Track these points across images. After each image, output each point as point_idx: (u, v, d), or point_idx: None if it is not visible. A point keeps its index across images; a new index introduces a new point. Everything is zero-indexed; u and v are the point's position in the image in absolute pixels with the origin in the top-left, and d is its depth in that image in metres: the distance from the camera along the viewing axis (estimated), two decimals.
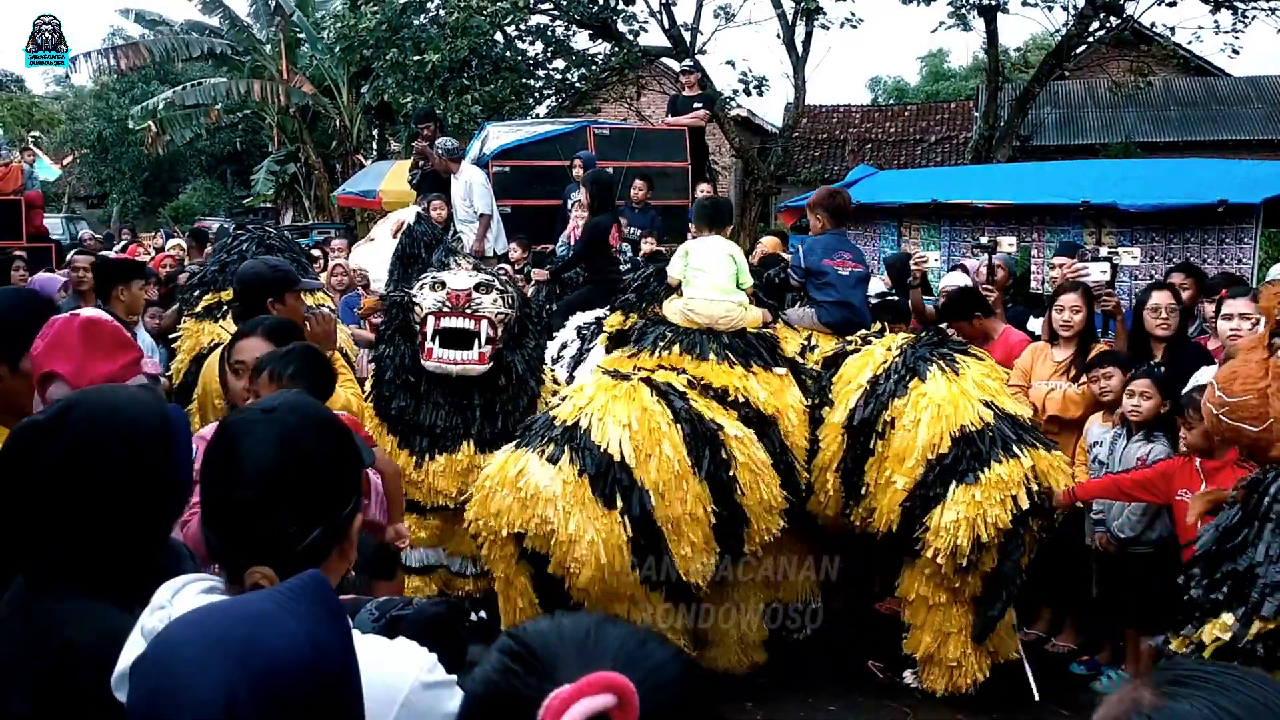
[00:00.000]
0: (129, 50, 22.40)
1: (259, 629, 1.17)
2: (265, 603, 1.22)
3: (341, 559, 1.52)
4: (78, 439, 1.60)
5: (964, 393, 4.36)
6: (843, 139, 24.64)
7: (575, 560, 3.92)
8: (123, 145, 31.07)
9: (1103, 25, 16.21)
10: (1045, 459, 4.30)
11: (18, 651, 1.54)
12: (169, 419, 1.71)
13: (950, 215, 8.37)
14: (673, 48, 16.94)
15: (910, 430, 4.33)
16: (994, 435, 4.25)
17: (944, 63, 39.19)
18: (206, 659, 1.15)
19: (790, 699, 4.72)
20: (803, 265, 5.05)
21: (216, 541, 1.48)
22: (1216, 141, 20.73)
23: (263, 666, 1.14)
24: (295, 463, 1.48)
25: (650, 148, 10.48)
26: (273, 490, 1.45)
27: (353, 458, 1.58)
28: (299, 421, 1.51)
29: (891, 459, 4.39)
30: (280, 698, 1.15)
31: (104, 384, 2.02)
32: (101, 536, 1.59)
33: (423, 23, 15.98)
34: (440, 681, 1.44)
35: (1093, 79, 21.54)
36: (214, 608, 1.25)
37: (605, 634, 0.95)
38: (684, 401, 4.32)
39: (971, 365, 4.52)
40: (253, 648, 1.15)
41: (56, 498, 1.58)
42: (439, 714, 1.42)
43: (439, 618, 1.68)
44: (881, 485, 4.43)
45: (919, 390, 4.38)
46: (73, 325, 2.46)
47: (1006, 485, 4.16)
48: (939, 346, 4.63)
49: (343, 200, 17.55)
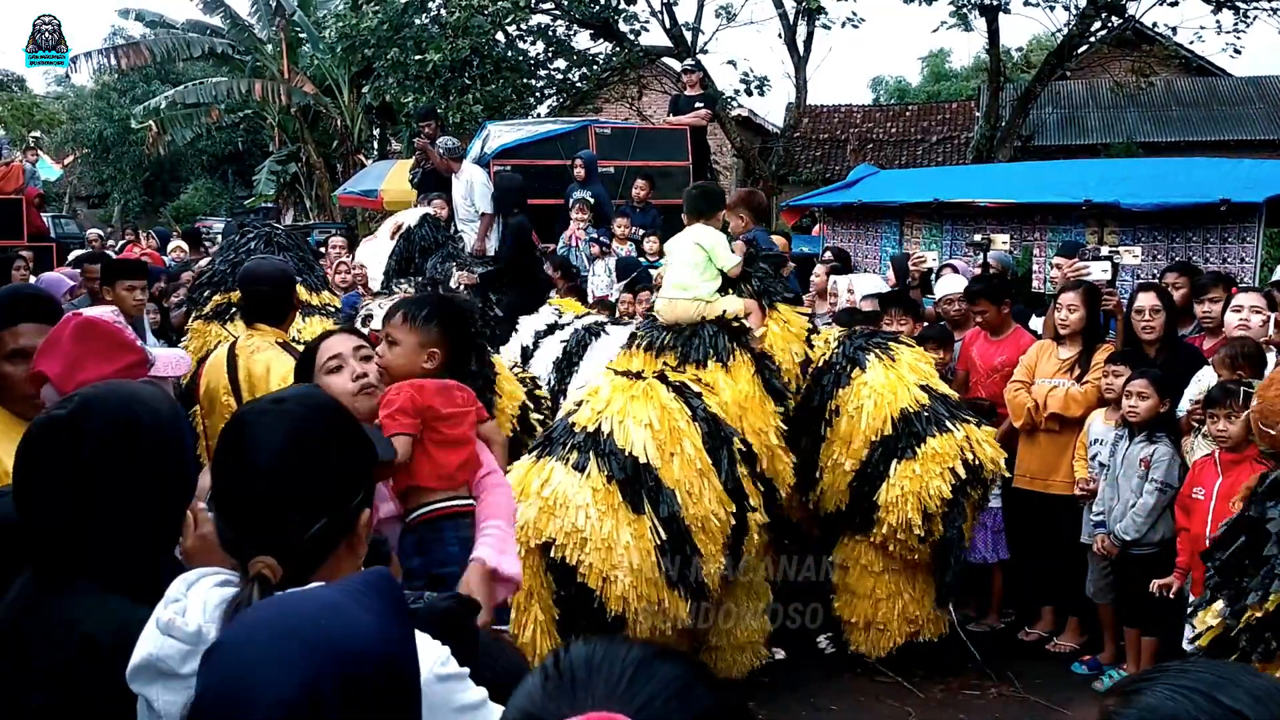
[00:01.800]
0: (130, 50, 22.41)
1: (335, 621, 1.18)
2: (337, 594, 1.23)
3: (350, 553, 1.52)
4: (94, 433, 1.61)
5: (901, 378, 4.68)
6: (844, 139, 24.61)
7: (612, 566, 3.91)
8: (124, 145, 31.07)
9: (1104, 25, 16.21)
10: (977, 433, 4.59)
11: (35, 647, 1.55)
12: (180, 413, 1.72)
13: (952, 214, 8.36)
14: (674, 47, 16.94)
15: (855, 416, 4.63)
16: (929, 414, 4.55)
17: (945, 63, 39.16)
18: (285, 650, 1.15)
19: (791, 699, 4.73)
20: None
21: (228, 533, 1.49)
22: (1218, 141, 20.71)
23: (342, 657, 1.15)
24: (300, 454, 1.48)
25: (652, 147, 10.48)
26: (277, 481, 1.46)
27: (363, 451, 1.58)
28: (307, 413, 1.52)
29: (839, 443, 4.68)
30: (359, 688, 1.16)
31: (119, 380, 2.01)
32: (116, 530, 1.60)
33: (424, 22, 15.98)
34: (453, 674, 1.45)
35: (1094, 79, 21.54)
36: (285, 599, 1.26)
37: (654, 670, 0.89)
38: (700, 400, 4.34)
39: (904, 352, 4.85)
40: (331, 639, 1.16)
41: (73, 492, 1.59)
42: (453, 706, 1.42)
43: (450, 612, 1.68)
44: (830, 468, 4.71)
45: (860, 379, 4.68)
46: (66, 326, 2.43)
47: (943, 458, 4.46)
48: (873, 338, 4.94)
49: (344, 200, 17.55)
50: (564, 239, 8.96)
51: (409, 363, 2.75)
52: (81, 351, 2.36)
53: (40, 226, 12.15)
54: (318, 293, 5.94)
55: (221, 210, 30.81)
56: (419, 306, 2.79)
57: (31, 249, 10.38)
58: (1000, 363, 5.53)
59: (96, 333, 2.42)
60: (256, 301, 3.86)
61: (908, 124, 25.66)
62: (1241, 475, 3.86)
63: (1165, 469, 4.58)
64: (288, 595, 1.27)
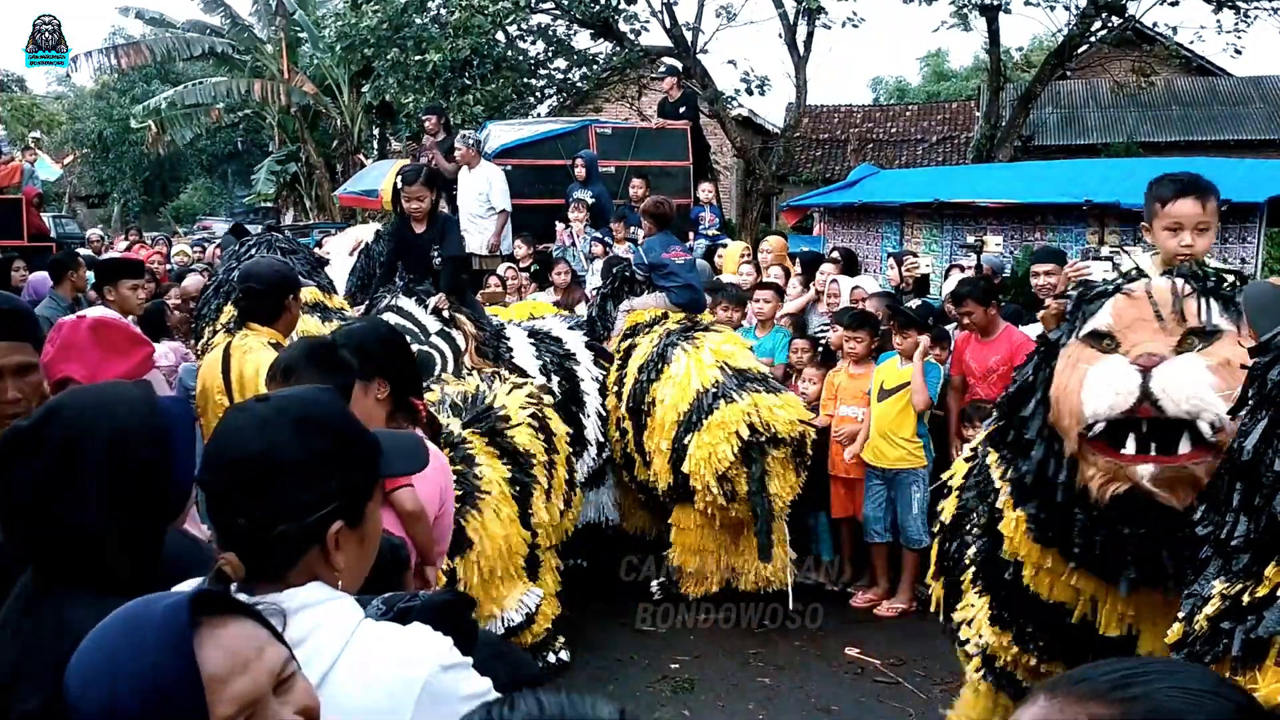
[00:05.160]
0: (130, 49, 22.37)
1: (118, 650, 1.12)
2: (121, 621, 1.15)
3: (327, 566, 1.47)
4: (63, 439, 1.60)
5: (700, 362, 5.44)
6: (844, 139, 24.60)
7: None
8: (124, 145, 31.08)
9: (1105, 25, 16.17)
10: (766, 399, 5.23)
11: (30, 649, 1.54)
12: (160, 414, 1.69)
13: (953, 214, 8.35)
14: (674, 47, 16.89)
15: (663, 404, 5.44)
16: (718, 390, 5.26)
17: (944, 63, 39.17)
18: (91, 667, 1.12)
19: (792, 698, 4.72)
20: (646, 262, 6.07)
21: (210, 527, 1.49)
22: (1219, 141, 20.71)
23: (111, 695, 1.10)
24: (259, 456, 1.44)
25: (652, 147, 10.46)
26: (230, 479, 1.44)
27: (346, 464, 1.52)
28: (280, 417, 1.48)
29: (657, 430, 5.47)
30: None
31: (95, 383, 1.99)
32: (98, 534, 1.58)
33: (424, 22, 15.94)
34: (457, 663, 1.45)
35: (1095, 79, 21.50)
36: (123, 615, 1.17)
37: None
38: None
39: (710, 339, 5.64)
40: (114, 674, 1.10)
41: (49, 498, 1.58)
42: (458, 696, 1.41)
43: (448, 604, 1.67)
44: (655, 453, 5.50)
45: (667, 373, 5.50)
46: (81, 327, 2.41)
47: (726, 425, 5.13)
48: (686, 331, 5.73)
49: (344, 200, 17.51)
50: (559, 238, 8.96)
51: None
52: (103, 350, 2.39)
53: (40, 226, 12.14)
54: (332, 295, 5.94)
55: (221, 210, 30.84)
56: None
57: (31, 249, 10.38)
58: (995, 363, 5.52)
59: (112, 330, 2.44)
60: (249, 298, 3.83)
61: (908, 124, 25.65)
62: None
63: None
64: (126, 610, 1.17)
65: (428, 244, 5.69)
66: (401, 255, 5.87)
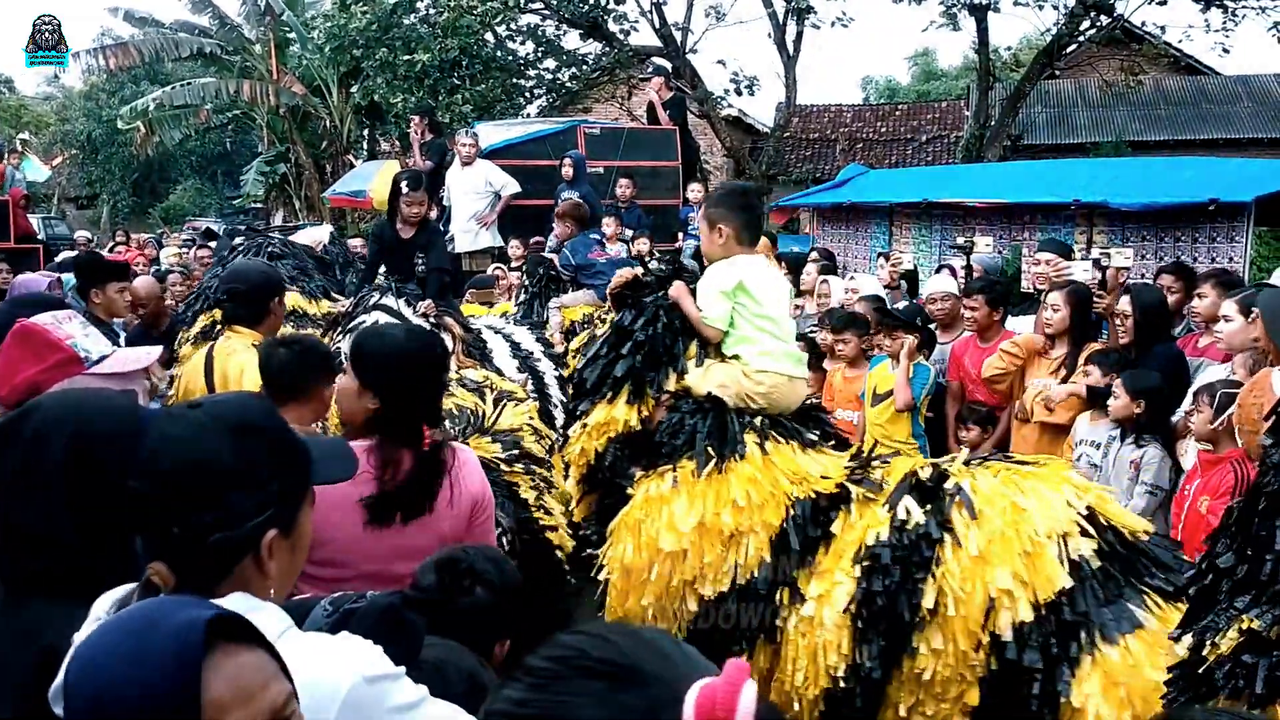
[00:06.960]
0: (118, 50, 22.27)
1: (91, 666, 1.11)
2: (110, 635, 1.13)
3: (259, 574, 1.44)
4: (33, 436, 1.59)
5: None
6: (834, 138, 24.61)
7: None
8: (112, 146, 30.97)
9: (1093, 24, 16.25)
10: None
11: (2, 657, 1.52)
12: (138, 420, 1.67)
13: (942, 214, 8.35)
14: (664, 47, 16.91)
15: None
16: None
17: (934, 62, 39.27)
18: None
19: None
20: (573, 264, 6.38)
21: None
22: (1207, 140, 20.78)
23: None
24: (186, 462, 1.41)
25: (641, 147, 10.46)
26: (167, 487, 1.40)
27: (282, 472, 1.49)
28: (217, 425, 1.45)
29: None
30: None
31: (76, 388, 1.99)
32: (60, 534, 1.57)
33: (413, 22, 15.95)
34: (385, 675, 1.41)
35: (1083, 78, 21.60)
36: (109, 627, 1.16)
37: (666, 638, 0.92)
38: None
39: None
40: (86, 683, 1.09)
41: (18, 500, 1.57)
42: (384, 708, 1.38)
43: (391, 608, 1.63)
44: None
45: None
46: (8, 334, 2.54)
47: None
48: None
49: (333, 201, 17.49)
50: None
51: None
52: (18, 354, 2.48)
53: (27, 228, 12.05)
54: (316, 301, 5.90)
55: (210, 211, 30.74)
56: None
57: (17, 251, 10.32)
58: None
59: (30, 335, 2.52)
60: (233, 300, 3.83)
61: (897, 123, 25.67)
62: (1221, 476, 3.84)
63: (1155, 471, 4.53)
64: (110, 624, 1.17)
65: (413, 249, 5.72)
66: (385, 257, 5.89)
